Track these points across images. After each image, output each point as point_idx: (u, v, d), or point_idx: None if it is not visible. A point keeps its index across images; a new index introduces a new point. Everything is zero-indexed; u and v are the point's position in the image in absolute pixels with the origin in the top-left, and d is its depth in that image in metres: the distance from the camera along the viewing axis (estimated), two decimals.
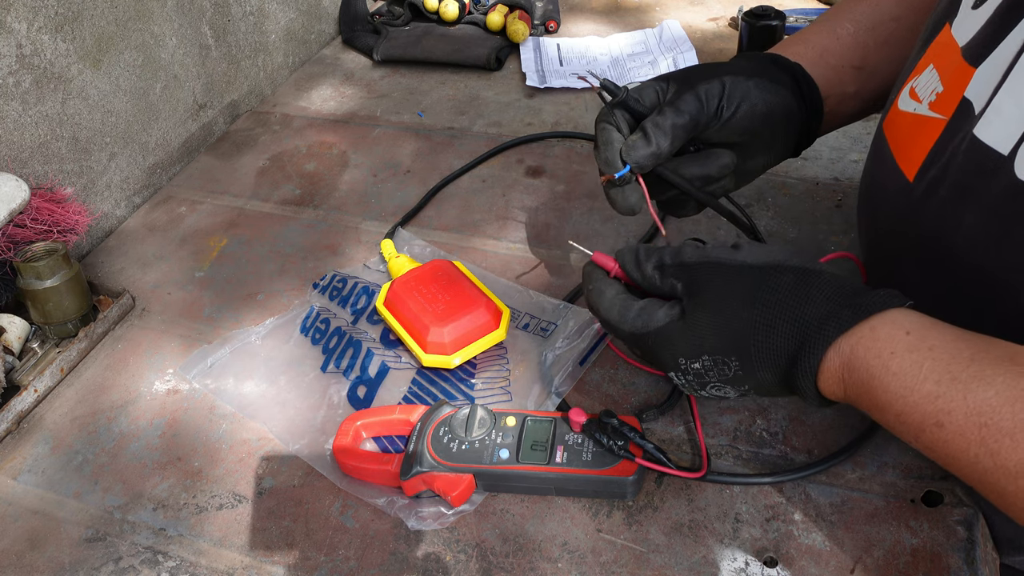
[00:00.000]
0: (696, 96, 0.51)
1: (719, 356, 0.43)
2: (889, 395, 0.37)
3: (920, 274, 0.47)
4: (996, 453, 0.33)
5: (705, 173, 0.54)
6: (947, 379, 0.35)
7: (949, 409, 0.35)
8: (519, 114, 0.92)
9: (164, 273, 0.72)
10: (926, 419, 0.35)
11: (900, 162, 0.47)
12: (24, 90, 0.68)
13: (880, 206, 0.50)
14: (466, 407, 0.52)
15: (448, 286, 0.62)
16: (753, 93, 0.52)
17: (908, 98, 0.47)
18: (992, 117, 0.39)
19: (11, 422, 0.58)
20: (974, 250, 0.42)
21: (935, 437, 0.35)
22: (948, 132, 0.43)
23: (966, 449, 0.34)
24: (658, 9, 1.16)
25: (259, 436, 0.56)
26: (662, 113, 0.51)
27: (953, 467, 0.36)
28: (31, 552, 0.51)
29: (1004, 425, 0.33)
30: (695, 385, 0.45)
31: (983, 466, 0.34)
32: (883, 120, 0.51)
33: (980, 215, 0.41)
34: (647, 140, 0.50)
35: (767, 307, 0.41)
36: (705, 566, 0.46)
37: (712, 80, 0.51)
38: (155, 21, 0.82)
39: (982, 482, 0.35)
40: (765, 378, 0.42)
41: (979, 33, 0.42)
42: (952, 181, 0.42)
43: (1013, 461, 0.32)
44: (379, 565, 0.48)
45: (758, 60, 0.55)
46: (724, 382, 0.44)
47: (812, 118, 0.56)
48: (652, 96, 0.53)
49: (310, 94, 1.00)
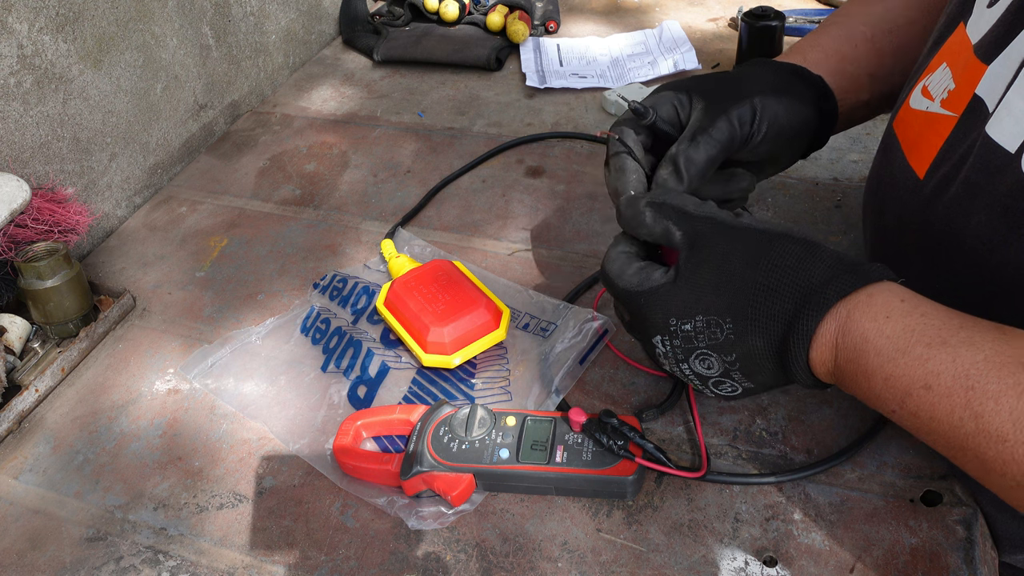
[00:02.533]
0: (729, 123, 0.49)
1: (713, 316, 0.42)
2: (881, 358, 0.37)
3: (928, 271, 0.46)
4: (980, 416, 0.33)
5: (726, 196, 0.53)
6: (937, 342, 0.36)
7: (938, 371, 0.35)
8: (519, 114, 0.92)
9: (165, 273, 0.73)
10: (915, 382, 0.36)
11: (911, 159, 0.47)
12: (25, 90, 0.68)
13: (889, 203, 0.50)
14: (466, 407, 0.52)
15: (448, 286, 0.62)
16: (781, 116, 0.51)
17: (920, 96, 0.47)
18: (1003, 115, 0.39)
19: (12, 422, 0.59)
20: (983, 248, 0.41)
21: (921, 400, 0.35)
22: (959, 129, 0.43)
23: (951, 412, 0.34)
24: (658, 9, 1.16)
25: (259, 436, 0.56)
26: (695, 144, 0.48)
27: (935, 433, 0.36)
28: (32, 551, 0.51)
29: (990, 388, 0.33)
30: (680, 354, 0.44)
31: (966, 430, 0.34)
32: (893, 118, 0.51)
33: (989, 213, 0.41)
34: (679, 177, 0.48)
35: (771, 271, 0.41)
36: (705, 565, 0.46)
37: (743, 103, 0.50)
38: (156, 21, 0.82)
39: (963, 448, 0.35)
40: (756, 345, 0.41)
41: (991, 30, 0.42)
42: (962, 178, 0.42)
43: (995, 425, 0.33)
44: (379, 564, 0.48)
45: (782, 74, 0.53)
46: (712, 348, 0.42)
47: (827, 128, 0.55)
48: (670, 112, 0.51)
49: (310, 94, 1.00)
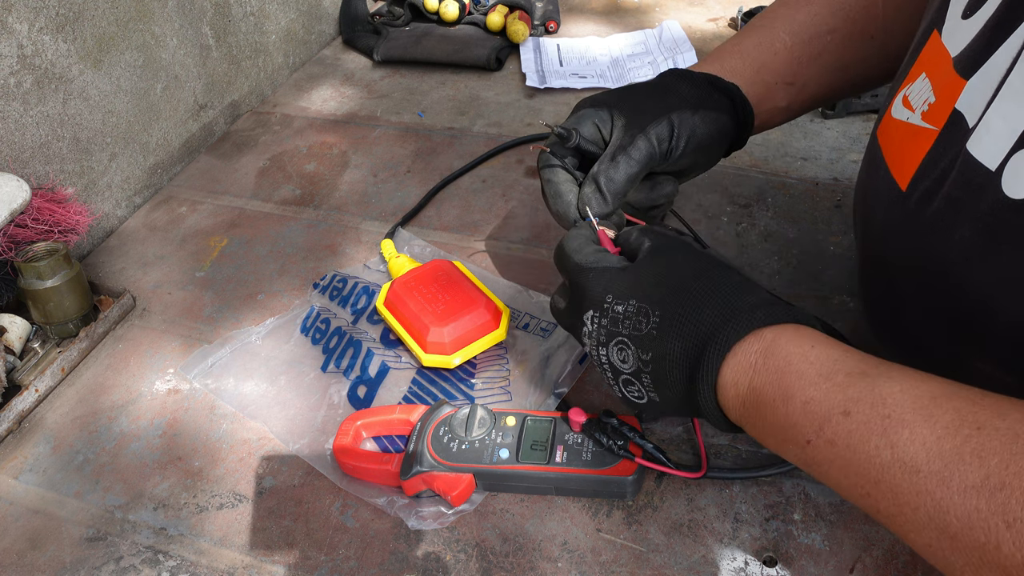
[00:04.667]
0: (648, 141, 0.51)
1: (645, 305, 0.42)
2: (803, 381, 0.37)
3: (914, 284, 0.46)
4: (895, 445, 0.33)
5: (652, 203, 0.56)
6: (857, 372, 0.36)
7: (857, 398, 0.35)
8: (519, 114, 0.92)
9: (165, 273, 0.73)
10: (834, 407, 0.36)
11: (893, 171, 0.47)
12: (25, 90, 0.68)
13: (874, 213, 0.50)
14: (466, 407, 0.52)
15: (448, 286, 0.62)
16: (699, 128, 0.53)
17: (901, 106, 0.47)
18: (983, 133, 0.39)
19: (12, 422, 0.59)
20: (966, 264, 0.41)
21: (839, 427, 0.36)
22: (940, 144, 0.43)
23: (867, 439, 0.34)
24: (658, 9, 1.16)
25: (259, 436, 0.56)
26: (615, 164, 0.51)
27: (850, 464, 0.35)
28: (32, 551, 0.51)
29: (906, 418, 0.34)
30: (602, 336, 0.44)
31: (882, 459, 0.34)
32: (877, 126, 0.51)
33: (972, 229, 0.40)
34: (603, 197, 0.51)
35: (712, 286, 0.42)
36: (705, 565, 0.46)
37: (661, 121, 0.52)
38: (156, 21, 0.82)
39: (878, 481, 0.34)
40: (673, 348, 0.41)
41: (970, 45, 0.41)
42: (944, 194, 0.42)
43: (909, 455, 0.33)
44: (379, 564, 0.48)
45: (699, 85, 0.55)
46: (632, 340, 0.43)
47: (743, 133, 0.58)
48: (592, 131, 0.53)
49: (310, 94, 1.00)
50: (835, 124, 0.85)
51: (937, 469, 0.32)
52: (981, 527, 0.30)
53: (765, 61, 0.58)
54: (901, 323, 0.49)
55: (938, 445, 0.32)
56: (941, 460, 0.32)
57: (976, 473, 0.31)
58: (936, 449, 0.32)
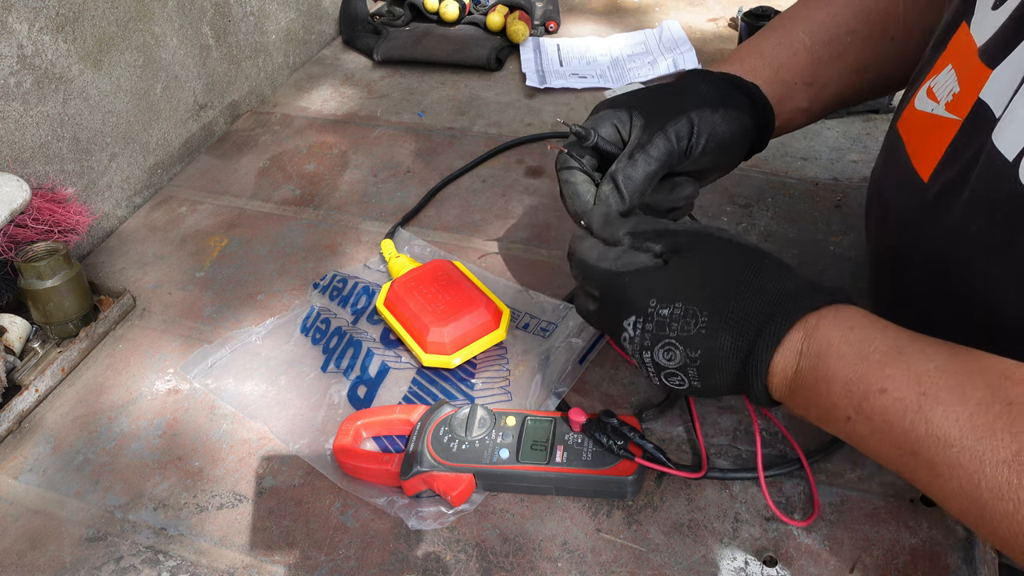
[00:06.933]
0: (667, 139, 0.51)
1: (693, 307, 0.43)
2: (843, 362, 0.39)
3: (926, 276, 0.46)
4: (930, 421, 0.35)
5: (671, 205, 0.55)
6: (894, 351, 0.38)
7: (894, 376, 0.37)
8: (519, 114, 0.92)
9: (164, 273, 0.73)
10: (872, 385, 0.37)
11: (915, 162, 0.47)
12: (25, 90, 0.68)
13: (892, 204, 0.50)
14: (466, 407, 0.52)
15: (448, 286, 0.62)
16: (719, 127, 0.52)
17: (925, 97, 0.47)
18: (1007, 122, 0.39)
19: (12, 422, 0.59)
20: (980, 255, 0.42)
21: (876, 404, 0.37)
22: (963, 134, 0.43)
23: (904, 415, 0.36)
24: (658, 9, 1.16)
25: (259, 436, 0.56)
26: (633, 161, 0.50)
27: (888, 437, 0.37)
28: (32, 551, 0.51)
29: (941, 395, 0.35)
30: (648, 340, 0.44)
31: (917, 433, 0.36)
32: (897, 119, 0.51)
33: (989, 220, 0.41)
34: (620, 196, 0.50)
35: (752, 280, 0.43)
36: (705, 565, 0.46)
37: (680, 118, 0.51)
38: (156, 21, 0.82)
39: (915, 452, 0.36)
40: (724, 343, 0.42)
41: (996, 34, 0.41)
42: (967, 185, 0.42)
43: (943, 430, 0.35)
44: (379, 564, 0.48)
45: (719, 85, 0.55)
46: (681, 340, 0.43)
47: (763, 135, 0.57)
48: (611, 131, 0.53)
49: (310, 94, 1.00)
50: (835, 124, 0.85)
51: (970, 444, 0.34)
52: (1011, 498, 0.32)
53: (784, 61, 0.57)
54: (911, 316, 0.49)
55: (971, 421, 0.34)
56: (974, 435, 0.34)
57: (1007, 448, 0.33)
58: (969, 425, 0.34)
